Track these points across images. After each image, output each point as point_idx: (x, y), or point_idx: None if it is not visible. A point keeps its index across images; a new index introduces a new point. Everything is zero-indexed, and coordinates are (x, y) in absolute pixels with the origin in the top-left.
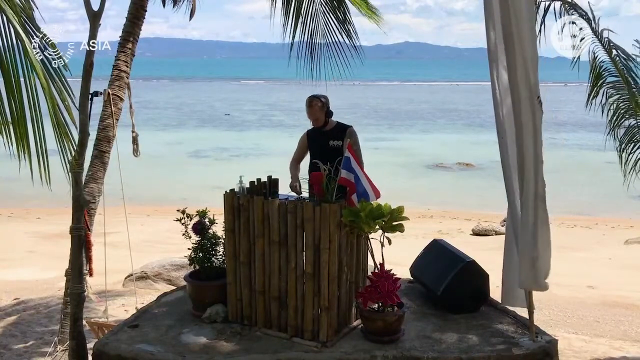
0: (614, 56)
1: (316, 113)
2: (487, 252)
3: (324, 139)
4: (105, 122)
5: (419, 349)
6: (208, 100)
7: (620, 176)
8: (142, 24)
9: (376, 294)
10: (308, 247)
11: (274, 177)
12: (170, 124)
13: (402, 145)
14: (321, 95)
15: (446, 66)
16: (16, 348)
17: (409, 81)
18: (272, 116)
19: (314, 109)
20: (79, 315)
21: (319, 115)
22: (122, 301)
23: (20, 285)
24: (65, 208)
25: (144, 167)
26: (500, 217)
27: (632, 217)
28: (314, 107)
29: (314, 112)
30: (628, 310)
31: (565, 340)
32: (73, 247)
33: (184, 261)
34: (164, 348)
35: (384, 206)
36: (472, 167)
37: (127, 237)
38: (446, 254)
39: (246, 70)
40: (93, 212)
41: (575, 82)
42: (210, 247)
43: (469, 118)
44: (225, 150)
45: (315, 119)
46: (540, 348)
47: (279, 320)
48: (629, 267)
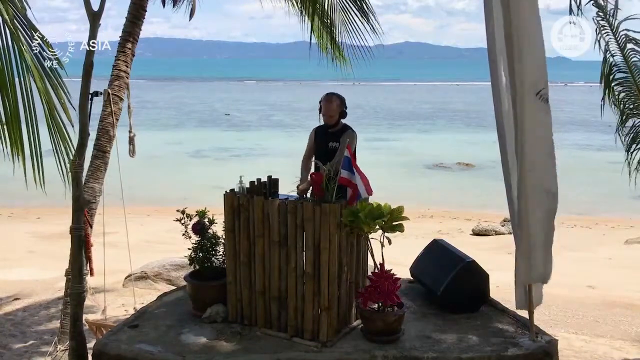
0: (627, 51)
1: (333, 110)
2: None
3: (326, 139)
4: (105, 122)
5: (419, 349)
6: (208, 100)
7: (621, 176)
8: (142, 24)
9: (376, 294)
10: (308, 247)
11: (274, 177)
12: (170, 124)
13: (402, 145)
14: (340, 95)
15: (446, 66)
16: (16, 348)
17: (409, 81)
18: (272, 116)
19: (333, 105)
20: (79, 315)
21: (335, 112)
22: (122, 301)
23: (20, 285)
24: (65, 208)
25: (144, 167)
26: (500, 217)
27: (632, 217)
28: (333, 103)
29: (332, 108)
30: (628, 310)
31: (565, 340)
32: (73, 247)
33: (184, 261)
34: (164, 348)
35: (384, 206)
36: (472, 167)
37: (126, 237)
38: (446, 254)
39: (246, 70)
40: (93, 212)
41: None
42: (210, 247)
43: (469, 118)
44: (225, 150)
45: (330, 116)
46: (540, 348)
47: (279, 320)
48: (629, 267)
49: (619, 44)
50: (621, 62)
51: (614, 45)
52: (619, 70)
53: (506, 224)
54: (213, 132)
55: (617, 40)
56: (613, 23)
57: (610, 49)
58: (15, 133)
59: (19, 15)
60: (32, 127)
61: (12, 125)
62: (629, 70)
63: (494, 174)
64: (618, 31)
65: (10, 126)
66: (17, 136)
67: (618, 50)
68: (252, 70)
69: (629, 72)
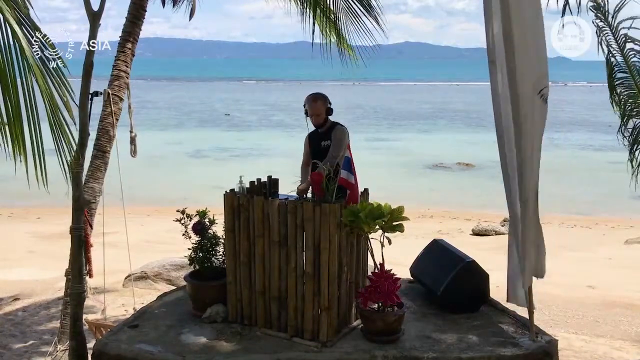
0: (627, 50)
1: (319, 108)
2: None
3: (318, 139)
4: (105, 122)
5: (419, 349)
6: (208, 100)
7: (621, 176)
8: (142, 24)
9: (376, 294)
10: (308, 247)
11: (274, 177)
12: (170, 124)
13: (402, 145)
14: (322, 93)
15: (446, 66)
16: (16, 348)
17: (409, 81)
18: (272, 116)
19: (317, 103)
20: (79, 315)
21: (321, 110)
22: (122, 301)
23: (20, 285)
24: (65, 208)
25: (143, 167)
26: (500, 217)
27: (632, 217)
28: (317, 101)
29: (318, 106)
30: (628, 310)
31: (565, 340)
32: (73, 247)
33: (184, 261)
34: (164, 348)
35: (384, 206)
36: (472, 167)
37: (126, 237)
38: (446, 254)
39: (246, 70)
40: (93, 212)
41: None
42: (210, 247)
43: (469, 118)
44: (225, 150)
45: (317, 115)
46: (540, 348)
47: (279, 320)
48: (629, 267)
49: (619, 44)
50: (622, 62)
51: (614, 45)
52: (620, 71)
53: (506, 224)
54: (213, 132)
55: (617, 41)
56: (612, 23)
57: (611, 50)
58: (17, 132)
59: (21, 14)
60: (34, 126)
61: (14, 124)
62: (629, 70)
63: (494, 174)
64: (618, 31)
65: (12, 125)
66: (19, 135)
67: (618, 51)
68: (252, 70)
69: (629, 73)
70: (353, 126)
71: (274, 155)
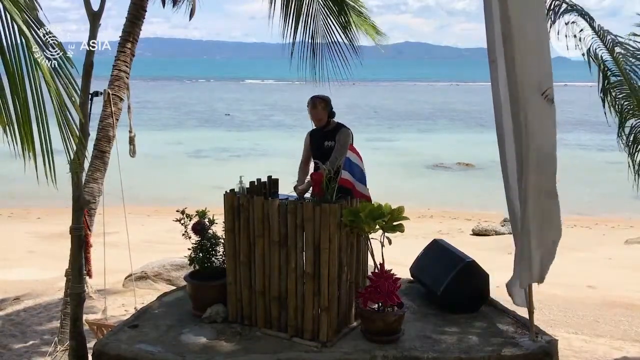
0: (616, 55)
1: (320, 114)
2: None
3: (322, 139)
4: (105, 122)
5: (419, 349)
6: (208, 100)
7: (621, 176)
8: (142, 24)
9: (376, 294)
10: (308, 247)
11: (274, 177)
12: (170, 124)
13: (402, 145)
14: (324, 96)
15: (446, 66)
16: (16, 348)
17: (409, 81)
18: (272, 116)
19: (318, 109)
20: (79, 315)
21: (322, 115)
22: (122, 301)
23: (20, 285)
24: (65, 208)
25: (143, 167)
26: (500, 217)
27: (632, 217)
28: (318, 107)
29: (318, 112)
30: (628, 310)
31: (565, 340)
32: (73, 247)
33: (184, 261)
34: (164, 348)
35: (384, 206)
36: (472, 167)
37: (127, 237)
38: (446, 254)
39: (246, 70)
40: (93, 212)
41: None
42: (210, 247)
43: (469, 118)
44: (225, 150)
45: (318, 120)
46: (540, 348)
47: (279, 320)
48: (629, 267)
49: (607, 48)
50: (613, 66)
51: (603, 50)
52: (612, 74)
53: (506, 224)
54: (213, 132)
55: (605, 45)
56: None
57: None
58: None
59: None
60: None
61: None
62: (620, 73)
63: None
64: (604, 35)
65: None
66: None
67: (608, 54)
68: (252, 70)
69: (621, 75)
70: (353, 126)
71: (274, 155)
